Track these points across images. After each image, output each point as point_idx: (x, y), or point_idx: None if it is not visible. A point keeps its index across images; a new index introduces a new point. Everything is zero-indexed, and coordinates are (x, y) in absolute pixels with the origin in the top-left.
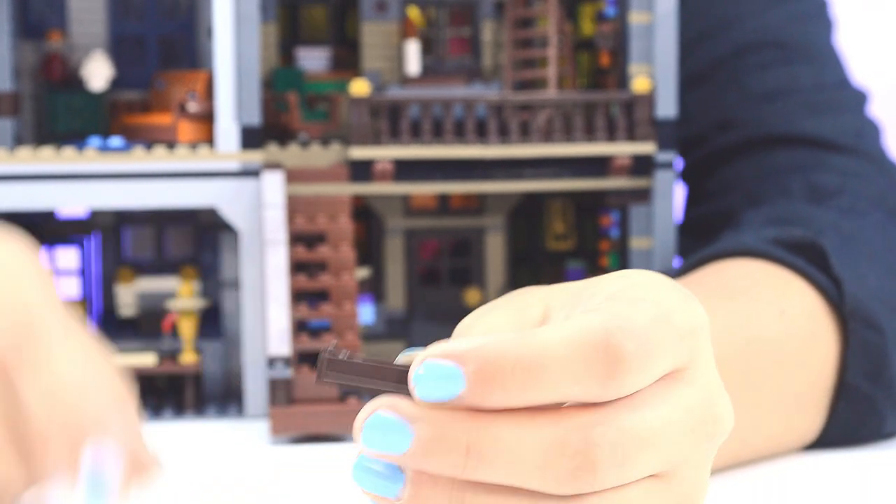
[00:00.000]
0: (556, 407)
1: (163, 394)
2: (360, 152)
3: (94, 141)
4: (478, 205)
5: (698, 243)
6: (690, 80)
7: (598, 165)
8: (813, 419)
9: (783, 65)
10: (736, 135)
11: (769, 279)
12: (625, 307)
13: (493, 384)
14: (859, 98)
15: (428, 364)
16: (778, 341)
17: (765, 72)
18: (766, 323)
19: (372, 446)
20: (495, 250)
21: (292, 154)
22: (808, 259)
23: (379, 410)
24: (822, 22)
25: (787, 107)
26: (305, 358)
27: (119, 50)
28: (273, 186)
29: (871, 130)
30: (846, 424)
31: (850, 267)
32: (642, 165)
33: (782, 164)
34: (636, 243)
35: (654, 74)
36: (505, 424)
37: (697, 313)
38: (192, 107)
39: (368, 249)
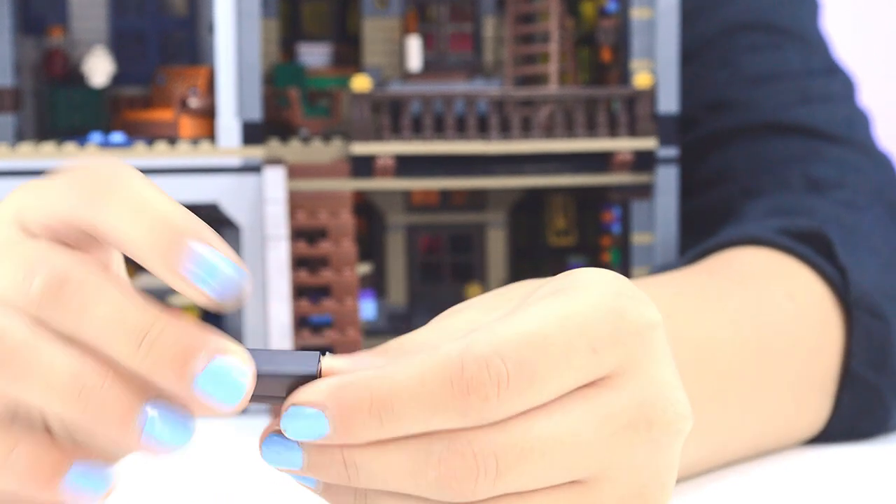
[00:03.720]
0: None
1: None
2: (361, 148)
3: (96, 137)
4: (479, 200)
5: (695, 237)
6: (682, 58)
7: (600, 161)
8: (821, 407)
9: (774, 48)
10: (728, 118)
11: (777, 267)
12: (508, 326)
13: (355, 425)
14: (849, 86)
15: (293, 409)
16: (790, 326)
17: (755, 54)
18: (777, 308)
19: (272, 463)
20: (496, 246)
21: (294, 150)
22: (814, 249)
23: (273, 432)
24: (810, 5)
25: (779, 92)
26: None
27: (120, 45)
28: (274, 182)
29: (861, 120)
30: (852, 414)
31: (854, 258)
32: (644, 161)
33: (777, 155)
34: (638, 239)
35: (656, 70)
36: None
37: (640, 316)
38: (194, 102)
39: (370, 245)
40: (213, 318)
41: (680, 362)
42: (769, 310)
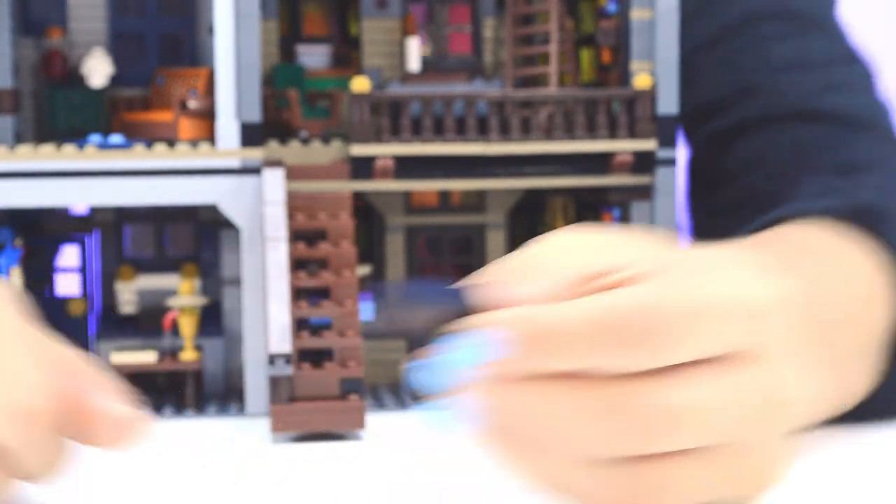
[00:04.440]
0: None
1: (163, 392)
2: (360, 149)
3: (95, 138)
4: (479, 202)
5: (729, 228)
6: (703, 45)
7: (600, 162)
8: (867, 375)
9: (797, 36)
10: (754, 106)
11: (831, 241)
12: (674, 285)
13: (537, 349)
14: (868, 74)
15: (470, 334)
16: (846, 298)
17: (779, 42)
18: (834, 280)
19: (422, 387)
20: (496, 247)
21: (293, 151)
22: (865, 225)
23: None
24: None
25: (804, 80)
26: (306, 355)
27: (119, 47)
28: (274, 183)
29: (882, 109)
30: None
31: None
32: (644, 162)
33: (805, 143)
34: None
35: (656, 71)
36: (548, 386)
37: (773, 295)
38: (193, 104)
39: (369, 246)
40: (213, 320)
41: None
42: (827, 281)
